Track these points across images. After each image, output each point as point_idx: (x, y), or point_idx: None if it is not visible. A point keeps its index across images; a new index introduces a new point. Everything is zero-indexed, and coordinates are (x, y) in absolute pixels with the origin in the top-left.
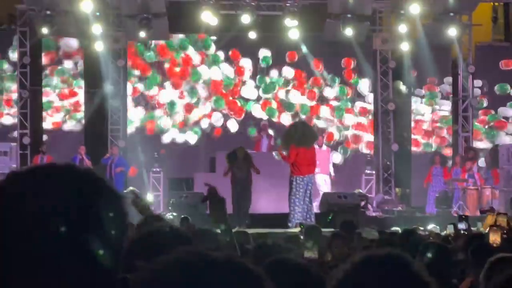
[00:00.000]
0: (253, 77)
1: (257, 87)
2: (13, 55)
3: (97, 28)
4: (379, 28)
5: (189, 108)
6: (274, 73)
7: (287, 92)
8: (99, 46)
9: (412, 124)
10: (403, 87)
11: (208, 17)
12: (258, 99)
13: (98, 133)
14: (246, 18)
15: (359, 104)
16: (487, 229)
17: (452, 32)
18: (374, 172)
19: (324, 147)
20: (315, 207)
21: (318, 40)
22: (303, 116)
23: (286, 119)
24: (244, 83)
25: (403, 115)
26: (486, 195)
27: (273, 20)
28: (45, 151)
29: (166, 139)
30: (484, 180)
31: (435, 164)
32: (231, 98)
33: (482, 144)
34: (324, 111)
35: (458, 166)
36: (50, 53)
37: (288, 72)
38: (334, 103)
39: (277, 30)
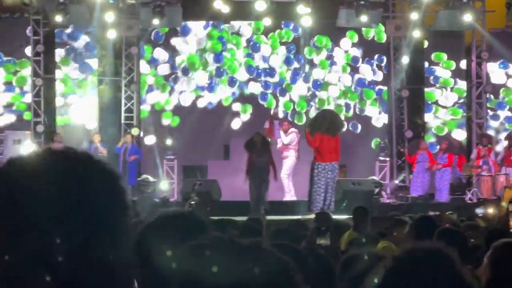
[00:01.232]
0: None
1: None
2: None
3: (110, 16)
4: (392, 15)
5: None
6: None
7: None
8: (112, 34)
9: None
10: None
11: (221, 4)
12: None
13: (113, 121)
14: (260, 5)
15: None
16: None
17: (468, 18)
18: (388, 159)
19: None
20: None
21: (332, 27)
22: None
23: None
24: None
25: (417, 102)
26: (500, 181)
27: (287, 7)
28: (60, 140)
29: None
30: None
31: (419, 150)
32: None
33: None
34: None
35: (443, 152)
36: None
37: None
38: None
39: (291, 17)
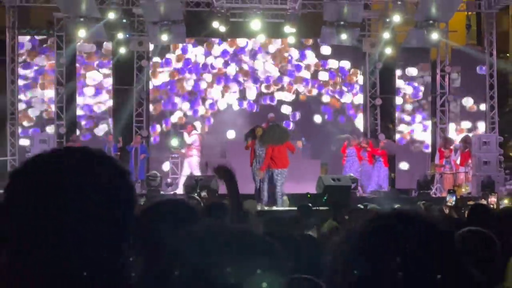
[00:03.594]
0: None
1: None
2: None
3: (124, 33)
4: (368, 34)
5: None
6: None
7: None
8: (126, 49)
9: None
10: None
11: (220, 24)
12: None
13: (125, 125)
14: (256, 25)
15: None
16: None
17: (434, 36)
18: None
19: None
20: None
21: (315, 44)
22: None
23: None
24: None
25: (389, 109)
26: (461, 178)
27: (277, 26)
28: (76, 140)
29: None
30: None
31: (350, 146)
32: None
33: None
34: None
35: (380, 149)
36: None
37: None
38: None
39: (279, 35)
